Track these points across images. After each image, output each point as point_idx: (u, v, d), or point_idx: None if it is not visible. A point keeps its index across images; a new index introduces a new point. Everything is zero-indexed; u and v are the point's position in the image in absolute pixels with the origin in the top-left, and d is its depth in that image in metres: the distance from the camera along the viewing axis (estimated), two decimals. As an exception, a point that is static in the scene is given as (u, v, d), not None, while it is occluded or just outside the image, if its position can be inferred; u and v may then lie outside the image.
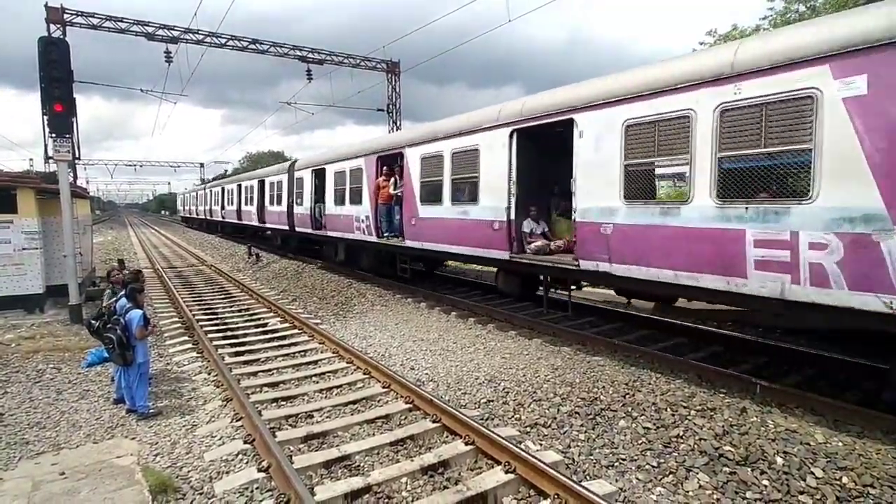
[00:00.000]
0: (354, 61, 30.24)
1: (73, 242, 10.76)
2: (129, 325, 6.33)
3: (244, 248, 25.55)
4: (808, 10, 19.10)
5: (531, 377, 7.16)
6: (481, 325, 10.36)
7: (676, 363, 7.56)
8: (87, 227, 16.12)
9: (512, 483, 4.60)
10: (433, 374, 7.59)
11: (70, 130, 10.98)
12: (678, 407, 5.91)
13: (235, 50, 27.14)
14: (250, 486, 4.65)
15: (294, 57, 28.48)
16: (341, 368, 7.92)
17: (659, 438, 5.34)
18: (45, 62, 10.27)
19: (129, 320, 6.37)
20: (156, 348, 9.28)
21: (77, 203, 13.19)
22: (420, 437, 5.57)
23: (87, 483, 4.69)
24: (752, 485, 4.51)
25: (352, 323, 11.11)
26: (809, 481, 4.47)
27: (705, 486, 4.56)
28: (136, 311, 6.48)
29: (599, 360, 7.96)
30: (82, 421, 6.17)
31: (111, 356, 6.44)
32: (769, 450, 4.91)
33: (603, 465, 5.01)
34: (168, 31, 24.81)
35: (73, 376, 7.69)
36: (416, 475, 4.79)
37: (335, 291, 14.51)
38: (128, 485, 4.63)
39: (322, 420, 6.12)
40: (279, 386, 7.29)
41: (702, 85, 6.36)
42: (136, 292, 6.67)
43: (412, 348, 8.92)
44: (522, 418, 6.03)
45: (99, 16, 23.68)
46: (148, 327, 6.51)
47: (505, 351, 8.55)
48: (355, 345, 9.00)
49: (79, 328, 10.24)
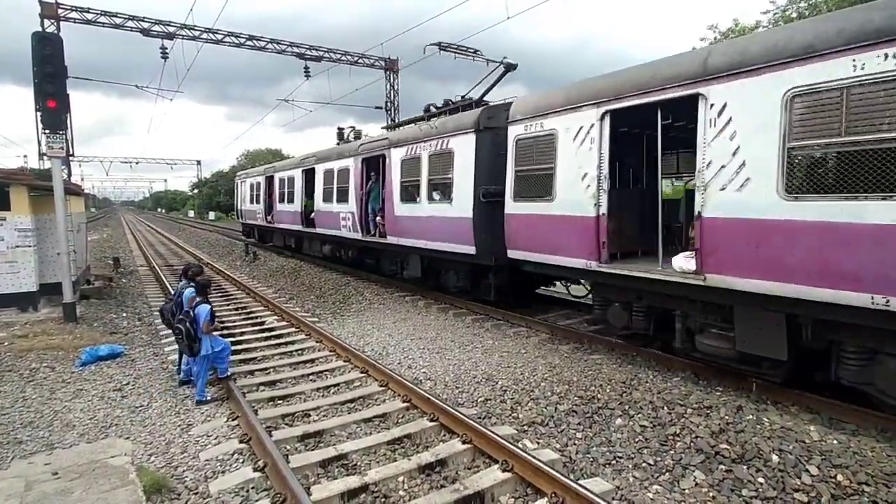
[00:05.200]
0: (352, 58, 30.17)
1: (66, 240, 10.69)
2: (197, 319, 6.58)
3: (241, 246, 25.50)
4: (808, 6, 19.12)
5: (529, 375, 7.15)
6: (479, 324, 10.35)
7: (673, 361, 7.56)
8: (81, 224, 16.02)
9: (509, 482, 4.59)
10: (431, 373, 7.58)
11: (64, 127, 10.89)
12: (675, 405, 5.91)
13: (233, 46, 27.08)
14: (246, 486, 4.63)
15: (292, 54, 28.41)
16: (339, 367, 7.89)
17: (656, 436, 5.34)
18: (38, 57, 10.18)
19: (197, 314, 6.61)
20: (151, 347, 9.25)
21: (71, 200, 13.09)
22: (417, 436, 5.55)
23: (81, 483, 4.66)
24: (747, 482, 4.51)
25: (349, 321, 11.08)
26: (804, 479, 4.47)
27: (701, 483, 4.56)
28: (205, 305, 6.71)
29: (597, 359, 7.97)
30: (76, 420, 6.13)
31: (179, 346, 6.95)
32: (765, 447, 4.91)
33: (600, 463, 5.01)
34: (164, 26, 24.69)
35: (66, 375, 7.64)
36: (413, 474, 4.78)
37: (333, 290, 14.48)
38: (122, 485, 4.60)
39: (319, 419, 6.10)
40: (276, 385, 7.26)
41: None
42: (205, 287, 6.99)
43: (410, 347, 8.90)
44: (520, 417, 6.02)
45: (94, 11, 23.55)
46: (213, 322, 6.75)
47: (503, 349, 8.54)
48: (353, 343, 8.98)
49: (73, 326, 10.19)
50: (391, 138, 13.49)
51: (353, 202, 15.07)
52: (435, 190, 11.59)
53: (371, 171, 14.68)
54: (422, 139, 11.96)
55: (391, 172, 13.12)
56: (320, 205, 17.38)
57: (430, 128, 11.88)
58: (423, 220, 11.83)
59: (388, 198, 13.27)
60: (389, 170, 13.22)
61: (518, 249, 9.34)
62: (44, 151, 17.14)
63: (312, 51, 28.83)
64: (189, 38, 25.19)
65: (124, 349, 8.87)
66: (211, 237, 37.39)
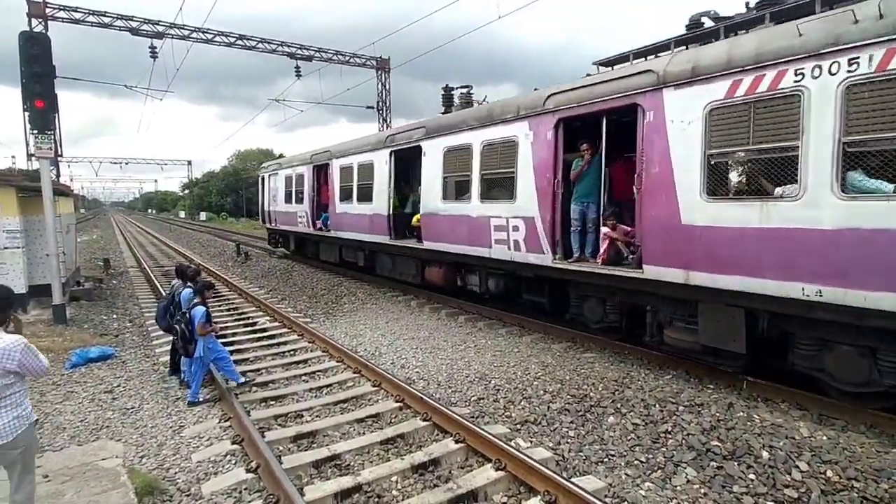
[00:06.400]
0: (344, 58, 30.07)
1: (56, 241, 10.60)
2: (192, 320, 6.57)
3: (232, 247, 25.38)
4: None
5: (521, 374, 7.17)
6: (472, 323, 10.36)
7: (665, 360, 7.61)
8: (70, 225, 15.89)
9: (502, 480, 4.60)
10: (424, 373, 7.58)
11: (52, 127, 10.80)
12: (667, 403, 5.95)
13: (223, 46, 26.91)
14: (239, 487, 4.61)
15: (282, 53, 28.28)
16: (331, 367, 7.88)
17: (648, 434, 5.38)
18: (26, 57, 10.08)
19: (192, 315, 6.60)
20: (142, 349, 9.18)
21: (60, 201, 12.98)
22: (410, 436, 5.55)
23: (72, 486, 4.62)
24: (738, 479, 4.55)
25: (342, 321, 11.06)
26: (795, 475, 4.52)
27: (693, 480, 4.60)
28: (200, 307, 6.67)
29: (589, 357, 8.01)
30: (66, 423, 6.08)
31: (178, 347, 6.96)
32: (755, 444, 4.96)
33: (593, 461, 5.03)
34: (153, 26, 24.52)
35: (56, 377, 7.57)
36: (406, 474, 4.78)
37: (325, 290, 14.44)
38: (113, 487, 4.57)
39: (312, 419, 6.09)
40: (268, 385, 7.24)
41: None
42: (204, 289, 6.97)
43: (403, 346, 8.90)
44: (513, 416, 6.04)
45: (82, 10, 23.34)
46: (209, 325, 6.68)
47: (495, 348, 8.56)
48: (346, 343, 8.96)
49: (63, 328, 10.11)
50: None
51: (528, 200, 8.89)
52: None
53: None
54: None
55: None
56: (437, 204, 11.28)
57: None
58: None
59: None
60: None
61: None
62: (32, 152, 16.95)
63: (303, 50, 28.70)
64: (179, 38, 25.00)
65: (115, 351, 8.80)
66: (202, 238, 37.17)
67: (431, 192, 11.48)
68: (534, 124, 8.75)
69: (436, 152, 11.28)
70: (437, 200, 11.23)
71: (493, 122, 9.64)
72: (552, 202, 8.44)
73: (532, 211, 8.77)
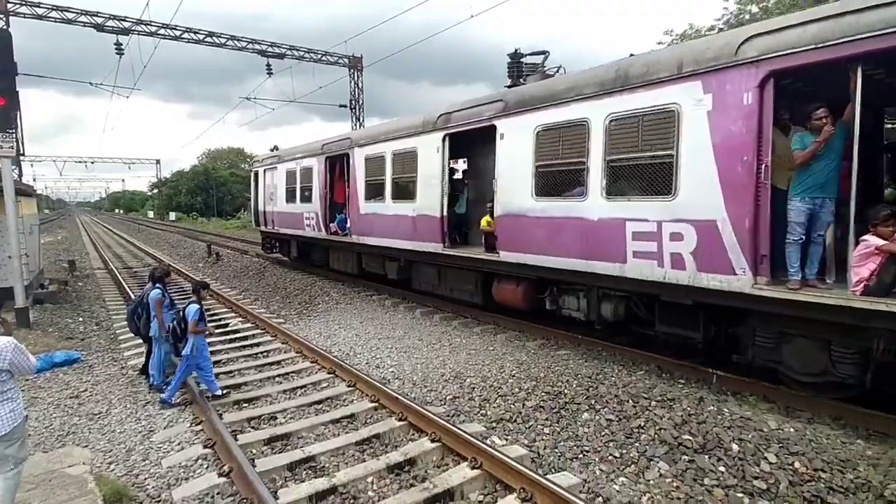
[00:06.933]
0: (316, 56, 29.78)
1: (18, 243, 10.26)
2: (186, 318, 6.52)
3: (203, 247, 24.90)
4: (760, 10, 19.77)
5: (497, 373, 7.20)
6: (446, 322, 10.37)
7: (637, 355, 7.73)
8: (34, 226, 15.37)
9: (478, 478, 4.62)
10: (399, 372, 7.56)
11: (13, 125, 10.44)
12: (639, 398, 6.04)
13: (191, 43, 26.38)
14: (211, 492, 4.52)
15: (252, 51, 27.86)
16: (305, 368, 7.80)
17: (621, 430, 5.45)
18: (-15, 53, 9.73)
19: (187, 313, 6.53)
20: (110, 353, 8.95)
21: (23, 201, 12.56)
22: (386, 436, 5.53)
23: (37, 494, 4.48)
24: (709, 471, 4.65)
25: (316, 322, 10.95)
26: (764, 466, 4.64)
27: (665, 474, 4.68)
28: (194, 305, 6.63)
29: (564, 354, 8.08)
30: (30, 429, 5.87)
31: (167, 343, 6.95)
32: (725, 437, 5.07)
33: (567, 457, 5.09)
34: (119, 21, 23.89)
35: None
36: (382, 474, 4.76)
37: (298, 290, 14.28)
38: (80, 494, 4.44)
39: (286, 421, 6.01)
40: (241, 388, 7.12)
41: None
42: (200, 288, 7.01)
43: (377, 346, 8.86)
44: (488, 414, 6.07)
45: (45, 5, 22.61)
46: (202, 324, 6.61)
47: (470, 347, 8.58)
48: (320, 344, 8.88)
49: (26, 332, 9.77)
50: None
51: (704, 196, 6.40)
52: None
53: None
54: None
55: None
56: (524, 203, 8.66)
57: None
58: None
59: None
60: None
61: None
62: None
63: (274, 48, 28.30)
64: (146, 34, 24.42)
65: (81, 355, 8.42)
66: (172, 238, 36.39)
67: (515, 186, 8.82)
68: (714, 84, 6.13)
69: (522, 133, 8.64)
70: (526, 198, 8.57)
71: (630, 86, 7.01)
72: (754, 198, 5.83)
73: (711, 212, 6.16)
